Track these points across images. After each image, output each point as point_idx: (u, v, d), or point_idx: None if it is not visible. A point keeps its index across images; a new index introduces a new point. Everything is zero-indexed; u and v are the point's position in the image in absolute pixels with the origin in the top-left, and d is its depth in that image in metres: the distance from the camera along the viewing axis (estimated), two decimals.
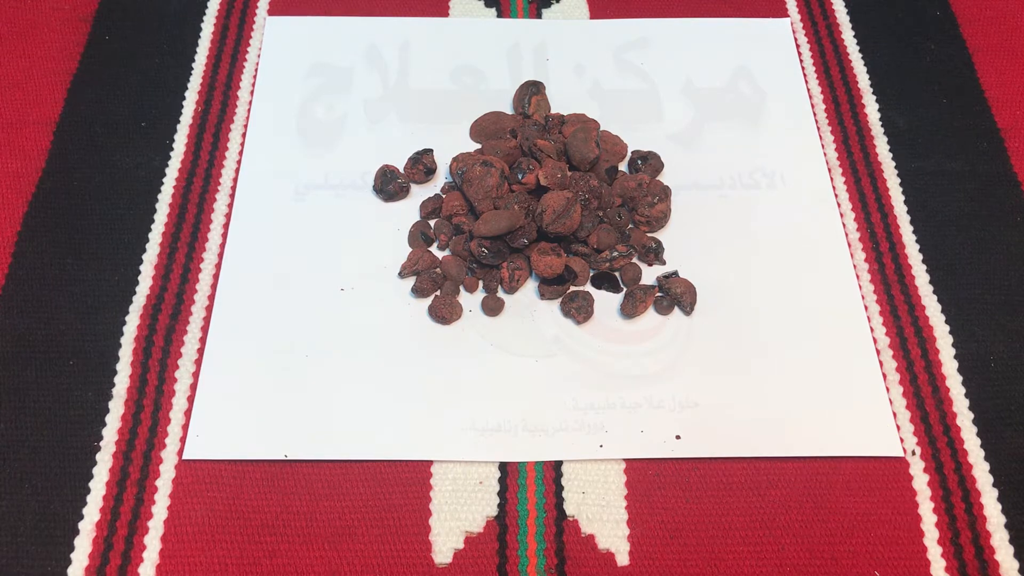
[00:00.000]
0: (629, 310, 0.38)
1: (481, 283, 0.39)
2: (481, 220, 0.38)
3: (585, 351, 0.37)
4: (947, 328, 0.38)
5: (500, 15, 0.49)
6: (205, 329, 0.37)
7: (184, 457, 0.34)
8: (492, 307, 0.38)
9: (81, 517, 0.33)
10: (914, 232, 0.41)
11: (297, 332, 0.37)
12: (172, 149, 0.43)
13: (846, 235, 0.41)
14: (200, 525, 0.33)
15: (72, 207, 0.40)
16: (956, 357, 0.38)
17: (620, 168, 0.42)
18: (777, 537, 0.33)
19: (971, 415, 0.36)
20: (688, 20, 0.49)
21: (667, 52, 0.48)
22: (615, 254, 0.39)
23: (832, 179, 0.43)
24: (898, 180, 0.43)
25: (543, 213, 0.38)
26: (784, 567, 0.33)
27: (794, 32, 0.49)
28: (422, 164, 0.41)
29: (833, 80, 0.47)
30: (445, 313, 0.37)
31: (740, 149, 0.44)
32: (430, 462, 0.34)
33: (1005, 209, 0.42)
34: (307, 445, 0.34)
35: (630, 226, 0.40)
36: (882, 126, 0.45)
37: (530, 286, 0.39)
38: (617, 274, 0.39)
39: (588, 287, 0.39)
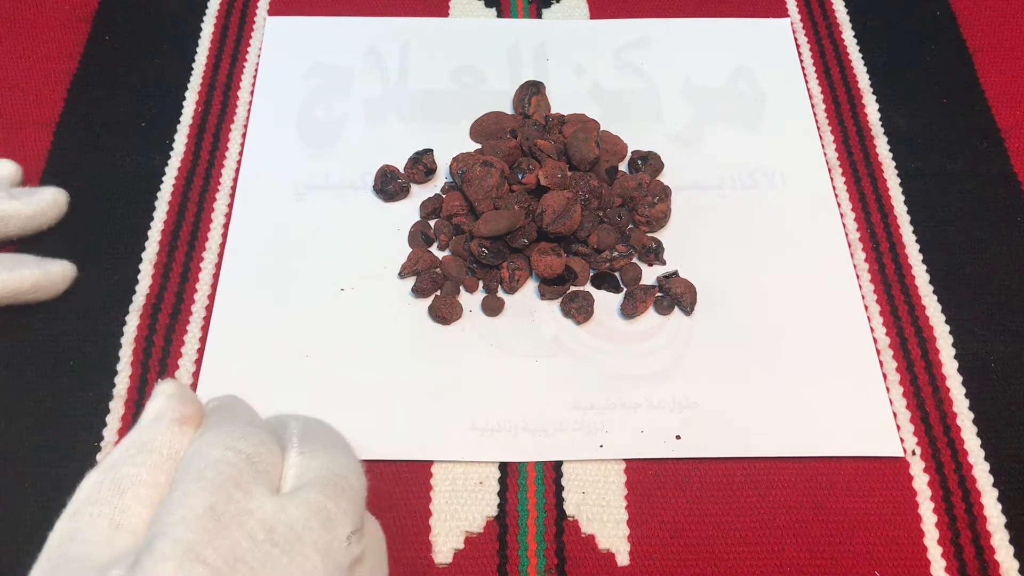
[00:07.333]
0: (629, 310, 0.38)
1: (481, 283, 0.39)
2: (481, 220, 0.38)
3: (585, 351, 0.37)
4: (947, 328, 0.38)
5: (500, 15, 0.49)
6: (205, 329, 0.37)
7: None
8: (492, 307, 0.38)
9: None
10: (914, 232, 0.41)
11: (297, 332, 0.37)
12: (172, 149, 0.43)
13: (846, 235, 0.41)
14: None
15: (72, 207, 0.40)
16: (956, 357, 0.38)
17: (620, 168, 0.42)
18: (777, 537, 0.33)
19: (971, 415, 0.36)
20: (688, 20, 0.49)
21: (667, 52, 0.48)
22: (615, 254, 0.39)
23: (832, 179, 0.43)
24: (898, 180, 0.43)
25: (543, 213, 0.38)
26: (784, 567, 0.33)
27: (794, 32, 0.49)
28: (422, 164, 0.41)
29: (833, 80, 0.47)
30: (445, 313, 0.37)
31: (740, 149, 0.44)
32: (430, 462, 0.34)
33: (1005, 209, 0.42)
34: None
35: (630, 226, 0.40)
36: (882, 126, 0.45)
37: (530, 286, 0.39)
38: (617, 274, 0.39)
39: (588, 287, 0.39)
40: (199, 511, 0.22)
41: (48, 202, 0.38)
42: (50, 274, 0.36)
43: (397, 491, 0.34)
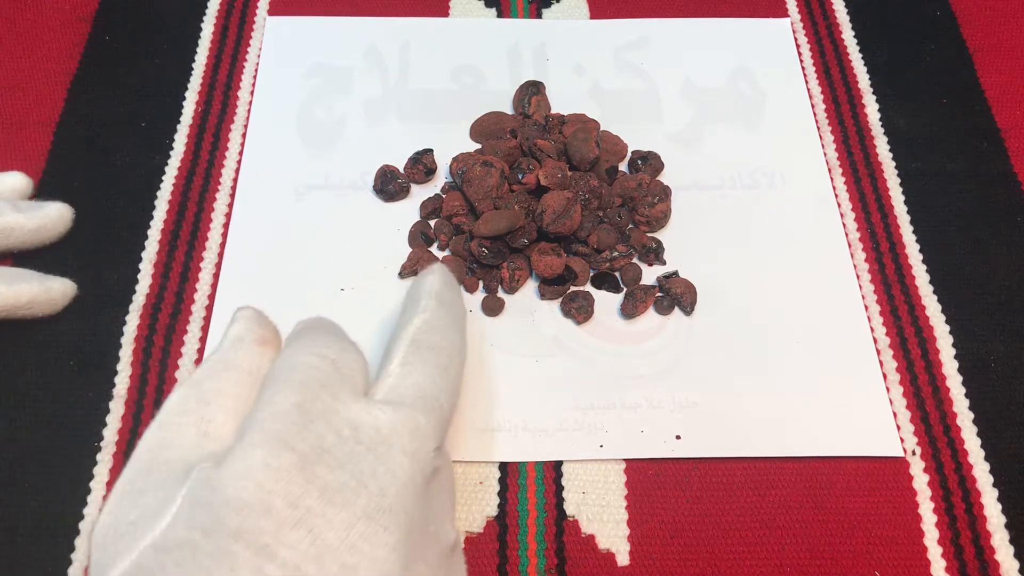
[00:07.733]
0: (629, 310, 0.38)
1: (481, 283, 0.39)
2: (481, 220, 0.38)
3: (585, 351, 0.37)
4: (947, 328, 0.38)
5: (500, 15, 0.49)
6: (205, 329, 0.37)
7: None
8: (492, 307, 0.38)
9: (81, 517, 0.33)
10: (914, 232, 0.41)
11: None
12: (172, 149, 0.43)
13: (846, 235, 0.41)
14: None
15: (72, 207, 0.40)
16: (956, 357, 0.38)
17: (620, 168, 0.42)
18: (777, 537, 0.33)
19: (971, 415, 0.36)
20: (688, 20, 0.49)
21: (667, 52, 0.48)
22: (615, 254, 0.39)
23: (832, 179, 0.43)
24: (898, 180, 0.43)
25: (543, 213, 0.38)
26: (784, 567, 0.33)
27: (794, 32, 0.49)
28: (422, 164, 0.41)
29: (833, 80, 0.47)
30: None
31: (740, 149, 0.44)
32: None
33: (1005, 209, 0.42)
34: None
35: (630, 226, 0.40)
36: (882, 126, 0.45)
37: (530, 286, 0.39)
38: (617, 274, 0.39)
39: (588, 287, 0.39)
40: (287, 407, 0.23)
41: (53, 217, 0.38)
42: (49, 291, 0.36)
43: None
